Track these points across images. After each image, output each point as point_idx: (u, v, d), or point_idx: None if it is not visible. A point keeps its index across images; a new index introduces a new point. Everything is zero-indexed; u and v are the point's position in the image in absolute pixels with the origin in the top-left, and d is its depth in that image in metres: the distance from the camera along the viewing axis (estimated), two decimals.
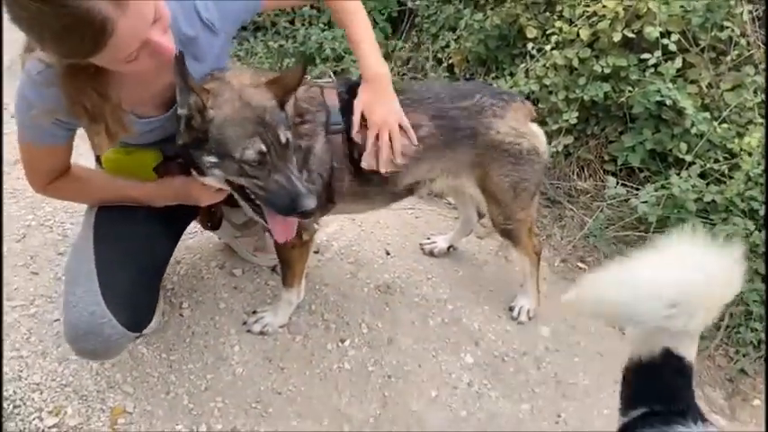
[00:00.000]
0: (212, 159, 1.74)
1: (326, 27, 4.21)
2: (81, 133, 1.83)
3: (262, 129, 1.71)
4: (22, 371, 2.24)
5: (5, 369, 2.24)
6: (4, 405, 2.13)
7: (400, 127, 2.09)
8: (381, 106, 2.06)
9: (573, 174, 3.34)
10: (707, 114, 2.90)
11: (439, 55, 3.82)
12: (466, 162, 2.26)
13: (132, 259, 1.93)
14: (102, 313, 1.78)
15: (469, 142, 2.21)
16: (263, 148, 1.70)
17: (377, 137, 2.06)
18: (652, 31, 2.90)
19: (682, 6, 2.90)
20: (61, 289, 2.50)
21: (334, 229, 3.08)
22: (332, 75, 2.27)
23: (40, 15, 1.31)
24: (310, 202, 1.72)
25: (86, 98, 1.60)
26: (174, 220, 2.19)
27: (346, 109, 2.09)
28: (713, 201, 2.78)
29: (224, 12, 1.83)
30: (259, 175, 1.74)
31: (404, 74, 3.94)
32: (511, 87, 3.29)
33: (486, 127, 2.19)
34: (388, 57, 4.06)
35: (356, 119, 2.06)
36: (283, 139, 1.74)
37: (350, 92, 2.12)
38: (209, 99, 1.72)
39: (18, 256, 2.72)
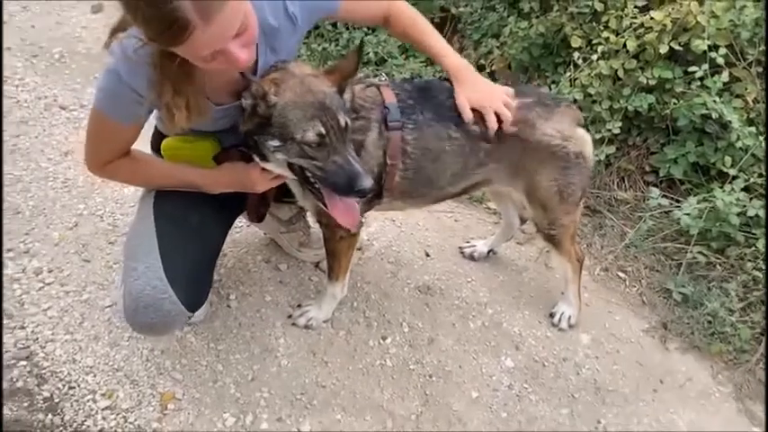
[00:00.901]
0: (275, 143, 1.81)
1: (370, 31, 4.27)
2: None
3: (321, 112, 1.77)
4: (75, 354, 2.32)
5: (60, 351, 2.33)
6: (60, 386, 2.21)
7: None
8: (482, 93, 2.14)
9: (613, 183, 3.35)
10: (752, 129, 2.89)
11: (481, 61, 3.84)
12: (514, 164, 2.28)
13: (192, 240, 2.02)
14: (164, 288, 1.86)
15: (517, 143, 2.23)
16: (323, 130, 1.76)
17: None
18: (700, 45, 2.90)
19: (731, 20, 2.90)
20: (112, 277, 2.60)
21: (375, 229, 3.13)
22: (386, 75, 2.31)
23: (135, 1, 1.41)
24: (367, 182, 1.78)
25: (174, 76, 1.68)
26: (225, 209, 2.26)
27: (410, 107, 2.15)
28: (756, 215, 2.78)
29: (306, 8, 1.91)
30: (318, 157, 1.80)
31: (445, 78, 3.96)
32: (555, 95, 3.31)
33: (532, 127, 2.21)
34: (429, 61, 4.10)
35: (469, 114, 2.12)
36: (342, 123, 1.80)
37: (416, 99, 2.18)
38: (271, 87, 1.79)
39: (71, 244, 2.81)
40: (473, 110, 2.13)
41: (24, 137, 3.51)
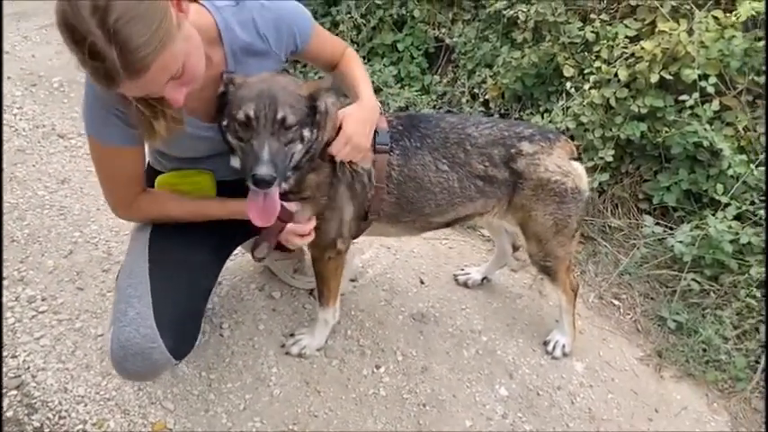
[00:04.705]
0: (224, 122, 1.83)
1: (365, 60, 4.33)
2: None
3: (264, 99, 1.77)
4: (67, 383, 2.31)
5: (51, 381, 2.31)
6: (50, 416, 2.19)
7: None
8: (358, 131, 2.04)
9: (607, 211, 3.37)
10: (743, 157, 2.92)
11: (475, 90, 3.88)
12: (508, 199, 2.29)
13: (186, 287, 1.98)
14: (154, 338, 1.82)
15: (515, 178, 2.24)
16: (252, 113, 1.76)
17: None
18: (690, 74, 2.94)
19: (720, 50, 2.94)
20: (105, 305, 2.60)
21: (370, 256, 3.14)
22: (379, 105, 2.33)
23: (70, 48, 1.41)
24: (262, 170, 1.71)
25: None
26: (222, 247, 2.26)
27: (399, 134, 2.18)
28: (749, 242, 2.79)
29: (277, 29, 1.92)
30: (244, 138, 1.80)
31: (439, 107, 4.01)
32: (547, 123, 3.34)
33: (536, 164, 2.22)
34: (424, 90, 4.15)
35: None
36: (279, 116, 1.78)
37: (405, 126, 2.21)
38: (240, 77, 1.83)
39: (65, 272, 2.81)
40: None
41: (22, 165, 3.54)
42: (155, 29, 1.42)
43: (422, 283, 3.02)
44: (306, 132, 1.88)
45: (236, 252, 2.86)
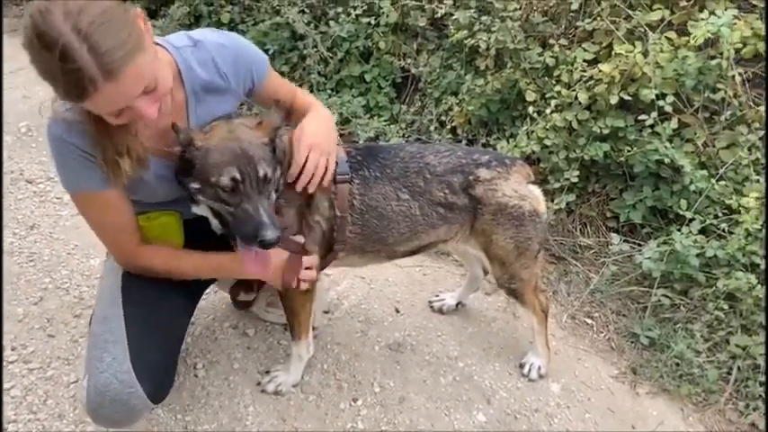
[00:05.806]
0: (196, 185, 1.83)
1: (333, 92, 4.38)
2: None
3: (240, 159, 1.79)
4: None
5: None
6: None
7: None
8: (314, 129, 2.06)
9: (576, 230, 3.42)
10: (704, 172, 3.00)
11: (442, 117, 3.94)
12: (469, 224, 2.33)
13: (161, 331, 1.99)
14: (131, 383, 1.81)
15: (474, 204, 2.29)
16: (238, 176, 1.77)
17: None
18: (648, 94, 3.02)
19: (675, 70, 3.03)
20: (78, 351, 2.57)
21: (344, 287, 3.14)
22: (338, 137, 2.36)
23: (41, 58, 1.42)
24: (271, 234, 1.75)
25: (109, 125, 1.66)
26: (193, 291, 2.28)
27: (358, 164, 2.22)
28: (715, 256, 2.84)
29: (237, 67, 1.96)
30: (231, 202, 1.81)
31: (408, 136, 4.06)
32: (513, 147, 3.41)
33: (494, 189, 2.27)
34: (392, 120, 4.21)
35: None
36: (261, 173, 1.80)
37: (364, 156, 2.24)
38: (199, 134, 1.83)
39: (35, 319, 2.78)
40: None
41: None
42: (126, 35, 1.46)
43: (397, 311, 3.03)
44: (275, 174, 1.91)
45: (208, 291, 2.86)
